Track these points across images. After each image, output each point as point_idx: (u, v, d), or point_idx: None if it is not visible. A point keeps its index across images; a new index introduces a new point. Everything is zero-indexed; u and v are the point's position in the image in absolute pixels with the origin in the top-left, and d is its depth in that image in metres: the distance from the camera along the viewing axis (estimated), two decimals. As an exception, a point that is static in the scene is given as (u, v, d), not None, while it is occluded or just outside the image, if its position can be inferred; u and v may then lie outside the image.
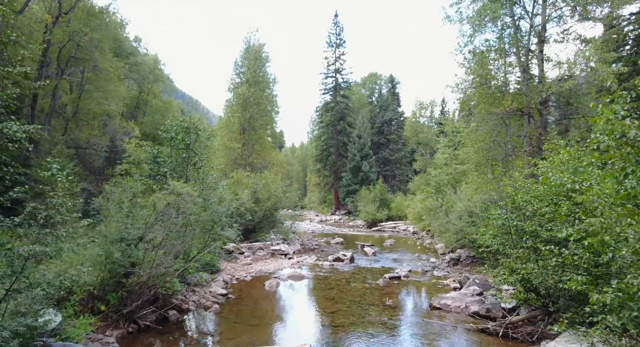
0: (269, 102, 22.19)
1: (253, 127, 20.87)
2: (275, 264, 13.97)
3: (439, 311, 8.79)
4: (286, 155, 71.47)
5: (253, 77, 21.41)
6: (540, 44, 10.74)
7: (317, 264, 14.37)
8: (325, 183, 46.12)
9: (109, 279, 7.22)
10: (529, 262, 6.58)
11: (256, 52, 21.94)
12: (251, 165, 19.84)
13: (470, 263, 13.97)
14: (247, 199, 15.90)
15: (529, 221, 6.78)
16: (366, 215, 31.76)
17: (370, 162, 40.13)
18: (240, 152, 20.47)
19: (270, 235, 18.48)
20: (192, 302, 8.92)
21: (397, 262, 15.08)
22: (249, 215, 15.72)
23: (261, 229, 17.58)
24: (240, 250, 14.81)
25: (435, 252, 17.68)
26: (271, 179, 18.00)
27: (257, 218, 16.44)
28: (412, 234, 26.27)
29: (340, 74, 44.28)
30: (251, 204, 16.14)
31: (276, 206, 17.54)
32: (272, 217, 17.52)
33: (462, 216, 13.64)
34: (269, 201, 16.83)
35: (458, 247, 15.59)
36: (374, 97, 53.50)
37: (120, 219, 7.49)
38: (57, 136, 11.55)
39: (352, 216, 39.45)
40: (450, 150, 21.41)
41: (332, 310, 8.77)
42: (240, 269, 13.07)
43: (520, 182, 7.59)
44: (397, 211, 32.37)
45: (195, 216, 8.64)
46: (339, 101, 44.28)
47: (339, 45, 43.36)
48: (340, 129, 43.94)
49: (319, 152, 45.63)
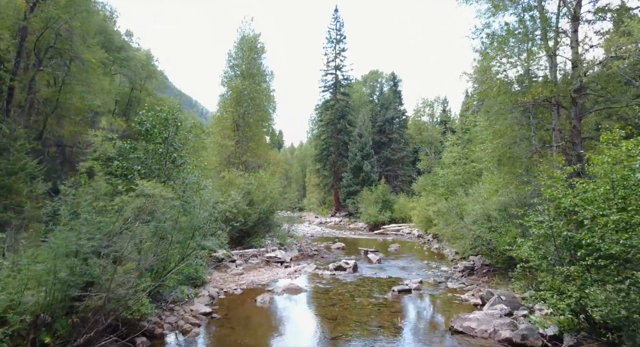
0: (265, 97, 20.70)
1: (247, 124, 19.34)
2: (269, 274, 12.54)
3: (462, 336, 7.36)
4: (285, 155, 70.07)
5: (247, 70, 19.86)
6: (575, 23, 9.35)
7: (317, 273, 12.94)
8: (325, 184, 44.67)
9: (58, 302, 5.79)
10: (587, 284, 5.14)
11: (251, 43, 20.39)
12: (245, 164, 18.37)
13: (486, 273, 12.55)
14: (239, 201, 14.47)
15: (584, 230, 5.36)
16: (368, 217, 30.34)
17: (371, 162, 38.72)
18: (233, 150, 18.98)
19: (265, 240, 17.06)
20: (168, 325, 7.48)
21: (405, 271, 13.66)
22: (241, 218, 14.30)
23: (256, 233, 16.16)
24: (231, 258, 13.38)
25: (445, 259, 16.27)
26: (267, 179, 16.57)
27: (250, 222, 15.01)
28: (417, 237, 24.87)
29: (341, 71, 42.85)
30: (244, 207, 14.71)
31: (272, 209, 16.12)
32: (267, 221, 16.10)
33: (478, 220, 12.22)
34: (264, 203, 15.41)
35: (471, 254, 14.18)
36: (375, 95, 52.09)
37: (76, 227, 6.07)
38: (18, 129, 10.11)
39: (352, 218, 38.03)
40: (459, 148, 20.01)
41: (335, 334, 7.34)
42: (230, 280, 11.64)
43: (562, 182, 6.18)
44: (400, 213, 30.95)
45: (172, 222, 7.21)
46: (339, 99, 42.84)
47: (339, 41, 41.93)
48: (341, 128, 42.51)
49: (319, 152, 44.17)
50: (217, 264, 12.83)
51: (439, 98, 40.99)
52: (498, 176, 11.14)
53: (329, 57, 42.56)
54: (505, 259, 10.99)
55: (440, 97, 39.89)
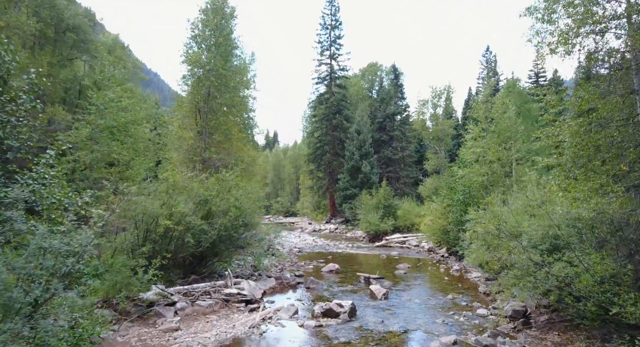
0: (239, 77, 16.18)
1: (212, 109, 14.84)
2: (221, 328, 8.21)
3: None
4: (277, 155, 65.70)
5: (213, 37, 15.21)
6: None
7: (294, 324, 8.63)
8: (319, 186, 40.28)
9: None
10: None
11: (217, 4, 15.71)
12: (209, 162, 14.01)
13: (553, 325, 8.25)
14: (188, 214, 10.20)
15: None
16: (367, 226, 26.04)
17: (371, 162, 34.43)
18: (193, 144, 14.57)
19: (235, 264, 12.80)
20: None
21: (427, 315, 9.38)
22: (190, 239, 10.01)
23: (217, 256, 11.88)
24: (169, 299, 9.04)
25: (475, 290, 11.99)
26: (235, 182, 12.28)
27: (207, 241, 10.70)
28: (427, 252, 20.60)
29: (336, 61, 38.48)
30: (197, 221, 10.41)
31: (241, 222, 11.82)
32: (234, 239, 11.81)
33: (542, 243, 7.97)
34: (228, 215, 11.13)
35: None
36: (374, 90, 47.86)
37: None
38: None
39: (350, 225, 33.73)
40: (483, 142, 15.79)
41: None
42: (154, 343, 7.30)
43: None
44: (405, 221, 26.69)
45: None
46: (335, 92, 38.49)
47: (334, 27, 37.58)
48: (336, 124, 38.18)
49: (312, 151, 39.76)
50: (145, 312, 8.49)
51: (449, 87, 36.33)
52: (583, 176, 6.88)
53: (323, 45, 38.19)
54: (594, 312, 6.76)
55: (452, 86, 35.06)
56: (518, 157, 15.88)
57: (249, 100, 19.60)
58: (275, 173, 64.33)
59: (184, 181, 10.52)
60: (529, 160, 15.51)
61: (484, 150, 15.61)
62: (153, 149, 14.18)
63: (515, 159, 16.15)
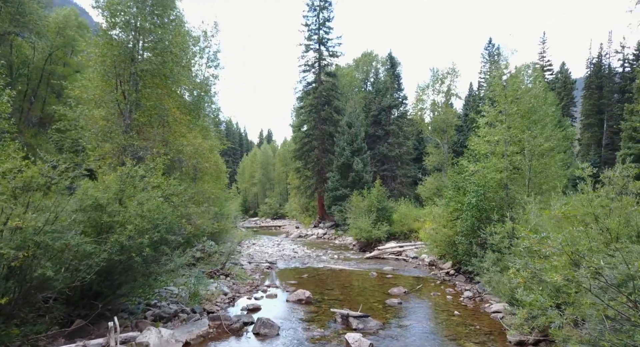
0: (178, 34, 11.78)
1: (134, 77, 10.75)
2: None
3: None
4: (266, 153, 61.68)
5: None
6: None
7: None
8: (306, 186, 36.35)
9: None
10: None
11: None
12: (129, 150, 10.04)
13: None
14: (62, 230, 6.37)
15: None
16: (358, 232, 22.20)
17: (363, 159, 30.57)
18: (103, 124, 10.47)
19: (167, 293, 9.04)
20: None
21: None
22: (47, 270, 6.16)
23: (119, 288, 8.04)
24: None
25: (502, 336, 8.15)
26: (150, 180, 8.42)
27: (91, 270, 6.83)
28: (428, 266, 16.80)
29: (325, 46, 34.47)
30: (76, 239, 6.56)
31: (160, 238, 7.96)
32: (148, 264, 7.96)
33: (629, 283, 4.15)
34: (127, 229, 7.25)
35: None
36: (369, 81, 44.02)
37: None
38: None
39: (339, 230, 29.91)
40: (504, 127, 11.97)
41: None
42: None
43: None
44: (402, 226, 22.87)
45: None
46: (324, 80, 34.50)
47: (323, 8, 33.57)
48: (326, 116, 34.24)
49: (299, 146, 35.76)
50: None
51: (453, 70, 32.02)
52: None
53: (311, 28, 34.17)
54: None
55: (456, 69, 30.72)
56: (548, 147, 12.10)
57: (210, 79, 15.76)
58: (264, 172, 60.28)
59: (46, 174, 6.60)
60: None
61: (504, 138, 11.82)
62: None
63: (540, 151, 12.39)
